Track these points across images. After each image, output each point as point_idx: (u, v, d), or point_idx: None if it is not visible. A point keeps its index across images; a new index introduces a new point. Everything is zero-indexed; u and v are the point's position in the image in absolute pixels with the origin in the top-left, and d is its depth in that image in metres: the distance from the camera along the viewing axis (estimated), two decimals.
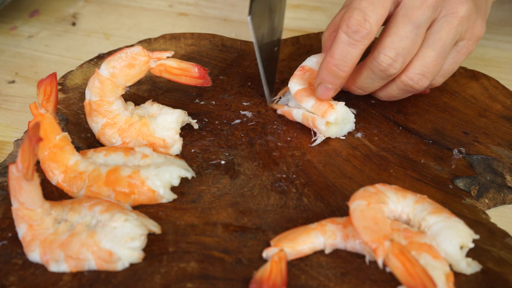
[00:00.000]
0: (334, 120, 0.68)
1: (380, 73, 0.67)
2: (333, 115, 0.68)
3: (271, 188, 0.65)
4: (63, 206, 0.59)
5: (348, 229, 0.58)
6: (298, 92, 0.70)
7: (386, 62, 0.65)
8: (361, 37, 0.64)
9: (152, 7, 1.02)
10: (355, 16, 0.64)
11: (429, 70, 0.67)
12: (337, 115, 0.68)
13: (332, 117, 0.68)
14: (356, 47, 0.65)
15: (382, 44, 0.66)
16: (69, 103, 0.76)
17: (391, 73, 0.66)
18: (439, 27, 0.66)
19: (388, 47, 0.65)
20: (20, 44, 0.93)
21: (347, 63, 0.66)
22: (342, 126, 0.70)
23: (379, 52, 0.65)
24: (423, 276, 0.52)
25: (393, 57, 0.65)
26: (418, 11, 0.64)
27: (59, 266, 0.57)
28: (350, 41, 0.65)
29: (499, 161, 0.68)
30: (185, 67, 0.68)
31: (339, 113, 0.69)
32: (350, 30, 0.64)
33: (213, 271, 0.57)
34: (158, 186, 0.62)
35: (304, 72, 0.72)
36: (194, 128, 0.72)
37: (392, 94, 0.71)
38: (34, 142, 0.53)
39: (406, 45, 0.65)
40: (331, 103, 0.69)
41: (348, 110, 0.70)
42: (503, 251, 0.58)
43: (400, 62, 0.65)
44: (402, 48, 0.65)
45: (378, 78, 0.68)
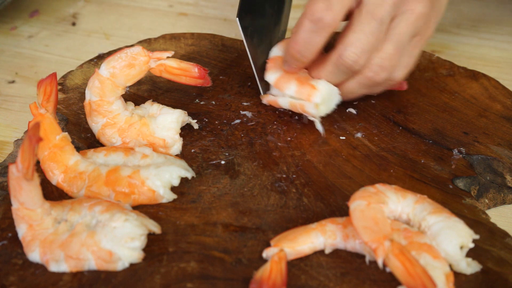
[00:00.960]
0: (321, 100, 0.69)
1: (344, 69, 0.67)
2: (318, 96, 0.69)
3: (271, 188, 0.65)
4: (63, 206, 0.59)
5: (348, 229, 0.58)
6: (277, 81, 0.71)
7: (351, 59, 0.66)
8: (324, 25, 0.65)
9: (152, 7, 1.02)
10: (319, 4, 0.65)
11: (388, 63, 0.68)
12: (322, 94, 0.69)
13: (317, 98, 0.69)
14: (319, 34, 0.66)
15: (347, 40, 0.66)
16: (69, 103, 0.76)
17: (355, 69, 0.67)
18: (397, 22, 0.67)
19: (354, 43, 0.66)
20: (20, 44, 0.93)
21: (310, 50, 0.67)
22: (330, 102, 0.71)
23: (345, 49, 0.66)
24: (423, 276, 0.52)
25: (358, 53, 0.66)
26: (380, 7, 0.65)
27: (59, 266, 0.57)
28: (313, 28, 0.66)
29: (499, 161, 0.68)
30: (185, 67, 0.68)
31: (323, 92, 0.69)
32: (314, 18, 0.65)
33: (213, 271, 0.57)
34: (158, 186, 0.62)
35: (275, 62, 0.72)
36: (194, 128, 0.72)
37: (351, 88, 0.71)
38: (34, 142, 0.53)
39: (371, 41, 0.66)
40: (312, 83, 0.69)
41: (329, 85, 0.70)
42: (503, 251, 0.58)
43: (364, 59, 0.66)
44: (367, 44, 0.66)
45: (342, 73, 0.68)
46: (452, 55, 0.89)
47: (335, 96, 0.71)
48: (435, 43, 0.92)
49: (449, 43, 0.92)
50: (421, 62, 0.82)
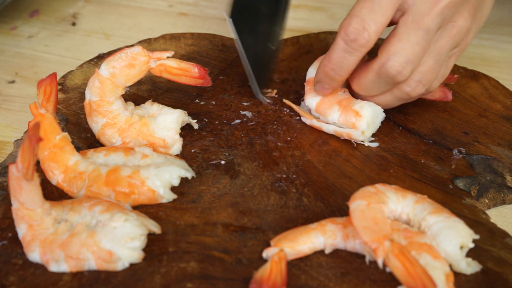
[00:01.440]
0: (367, 126, 0.68)
1: (387, 79, 0.65)
2: (364, 123, 0.68)
3: (271, 188, 0.65)
4: (63, 206, 0.59)
5: (348, 229, 0.58)
6: (319, 107, 0.70)
7: (396, 69, 0.64)
8: (358, 45, 0.64)
9: (152, 7, 1.02)
10: (354, 25, 0.63)
11: (426, 78, 0.66)
12: (367, 119, 0.68)
13: (363, 125, 0.68)
14: (353, 55, 0.65)
15: (392, 49, 0.64)
16: (69, 103, 0.76)
17: (398, 80, 0.65)
18: (439, 35, 0.65)
19: (398, 53, 0.64)
20: (20, 44, 0.93)
21: (343, 69, 0.66)
22: (376, 123, 0.70)
23: (389, 58, 0.64)
24: (423, 276, 0.52)
25: (403, 63, 0.64)
26: (427, 17, 0.63)
27: (59, 266, 0.57)
28: (347, 49, 0.64)
29: (499, 161, 0.68)
30: (185, 67, 0.68)
31: (368, 117, 0.68)
32: (348, 38, 0.64)
33: (213, 271, 0.57)
34: (158, 186, 0.62)
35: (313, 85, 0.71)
36: (194, 128, 0.72)
37: (386, 101, 0.69)
38: (34, 142, 0.53)
39: (417, 52, 0.64)
40: (355, 108, 0.68)
41: (373, 107, 0.68)
42: (503, 251, 0.58)
43: (410, 70, 0.64)
44: (412, 55, 0.63)
45: (384, 83, 0.66)
46: None
47: (379, 115, 0.70)
48: None
49: None
50: None
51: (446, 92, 0.72)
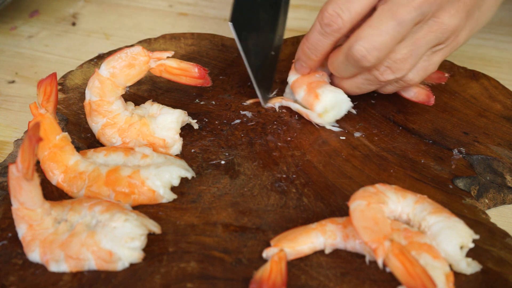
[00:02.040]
0: (323, 110, 0.70)
1: (353, 62, 0.67)
2: (319, 106, 0.70)
3: (271, 188, 0.65)
4: (63, 206, 0.59)
5: (348, 229, 0.58)
6: (293, 84, 0.73)
7: (360, 53, 0.65)
8: (331, 30, 0.66)
9: (152, 7, 1.02)
10: (330, 10, 0.66)
11: (397, 65, 0.67)
12: (324, 104, 0.70)
13: (319, 107, 0.70)
14: (327, 38, 0.67)
15: (360, 34, 0.65)
16: (69, 103, 0.76)
17: (364, 65, 0.66)
18: (418, 28, 0.65)
19: (366, 38, 0.65)
20: (20, 44, 0.93)
21: (318, 50, 0.69)
22: (337, 110, 0.71)
23: (356, 42, 0.65)
24: (423, 276, 0.52)
25: (368, 49, 0.65)
26: (404, 9, 0.64)
27: (59, 266, 0.57)
28: (322, 32, 0.67)
29: (499, 161, 0.68)
30: (185, 67, 0.68)
31: (326, 101, 0.70)
32: (323, 22, 0.67)
33: (213, 271, 0.57)
34: (158, 186, 0.62)
35: None
36: (194, 128, 0.72)
37: (357, 84, 0.70)
38: (34, 142, 0.53)
39: (385, 40, 0.64)
40: (317, 91, 0.70)
41: (335, 94, 0.70)
42: (503, 251, 0.58)
43: (375, 57, 0.65)
44: (380, 42, 0.64)
45: (351, 66, 0.68)
46: (452, 55, 0.89)
47: (343, 104, 0.71)
48: None
49: None
50: None
51: (430, 96, 0.72)
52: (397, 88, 0.72)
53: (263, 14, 0.77)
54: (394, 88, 0.71)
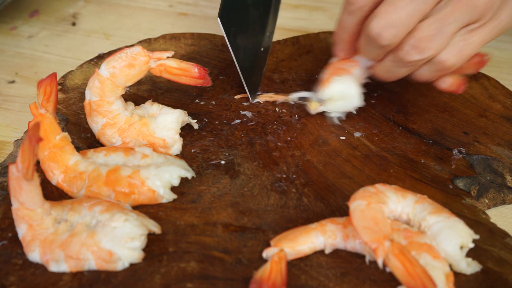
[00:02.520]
0: (327, 97, 0.71)
1: (371, 42, 0.65)
2: (325, 92, 0.71)
3: (271, 188, 0.65)
4: (63, 206, 0.59)
5: (348, 229, 0.58)
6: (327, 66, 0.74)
7: (375, 31, 0.64)
8: (355, 8, 0.67)
9: (152, 7, 1.02)
10: None
11: (422, 44, 0.64)
12: (331, 91, 0.70)
13: (324, 93, 0.71)
14: (351, 16, 0.68)
15: (376, 11, 0.64)
16: (69, 103, 0.76)
17: (381, 43, 0.64)
18: (443, 5, 0.63)
19: (380, 15, 0.63)
20: (20, 44, 0.93)
21: (345, 29, 0.70)
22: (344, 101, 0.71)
23: (372, 19, 0.64)
24: (423, 276, 0.52)
25: (383, 26, 0.63)
26: None
27: (59, 266, 0.57)
28: (347, 10, 0.68)
29: (499, 161, 0.68)
30: (185, 67, 0.68)
31: (333, 90, 0.70)
32: (347, 1, 0.67)
33: (213, 271, 0.57)
34: (158, 186, 0.62)
35: None
36: (194, 128, 0.72)
37: (386, 67, 0.68)
38: (34, 142, 0.53)
39: (400, 16, 0.62)
40: (331, 78, 0.71)
41: (347, 86, 0.70)
42: (503, 251, 0.58)
43: (392, 34, 0.63)
44: (395, 19, 0.63)
45: (372, 46, 0.66)
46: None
47: (353, 98, 0.71)
48: None
49: None
50: None
51: (461, 84, 0.69)
52: (434, 73, 0.67)
53: (253, 11, 0.78)
54: (430, 72, 0.67)
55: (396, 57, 0.66)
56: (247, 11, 0.77)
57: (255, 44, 0.77)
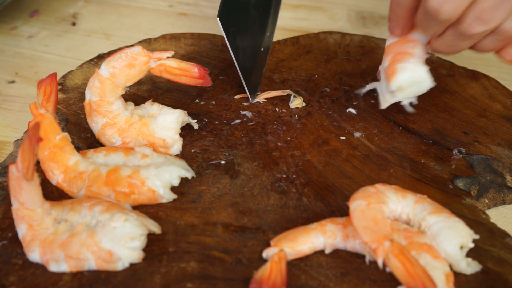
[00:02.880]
0: (397, 88, 0.68)
1: (431, 18, 0.63)
2: (394, 83, 0.68)
3: (271, 188, 0.65)
4: (63, 206, 0.59)
5: (348, 229, 0.58)
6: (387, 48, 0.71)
7: (434, 7, 0.62)
8: None
9: (152, 7, 1.02)
10: None
11: (485, 15, 0.62)
12: (399, 81, 0.68)
13: (393, 85, 0.68)
14: None
15: None
16: (69, 103, 0.76)
17: (441, 18, 0.63)
18: None
19: None
20: (20, 44, 0.93)
21: (400, 4, 0.67)
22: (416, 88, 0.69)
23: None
24: (423, 276, 0.52)
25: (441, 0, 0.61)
26: None
27: (59, 266, 0.57)
28: None
29: (499, 161, 0.68)
30: (185, 67, 0.68)
31: (401, 80, 0.68)
32: None
33: (213, 271, 0.57)
34: (158, 186, 0.62)
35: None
36: (194, 128, 0.72)
37: (448, 41, 0.67)
38: (34, 142, 0.53)
39: None
40: (397, 67, 0.68)
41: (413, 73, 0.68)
42: (503, 251, 0.58)
43: (452, 7, 0.61)
44: None
45: (432, 22, 0.64)
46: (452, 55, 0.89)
47: (423, 83, 0.68)
48: None
49: None
50: None
51: None
52: (497, 43, 0.66)
53: (253, 11, 0.77)
54: (493, 43, 0.66)
55: (458, 31, 0.64)
56: (247, 11, 0.77)
57: (255, 44, 0.77)
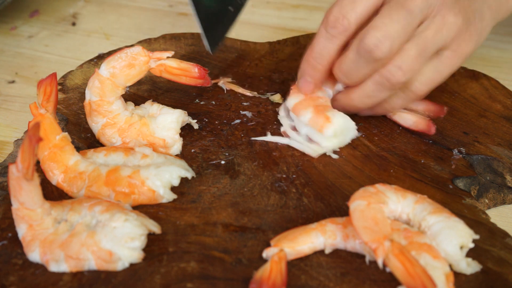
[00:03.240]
0: (333, 134, 0.67)
1: (365, 55, 0.64)
2: (331, 129, 0.67)
3: (271, 188, 0.65)
4: (63, 206, 0.59)
5: (348, 229, 0.58)
6: (296, 106, 0.70)
7: (373, 42, 0.63)
8: (337, 32, 0.66)
9: (152, 7, 1.02)
10: (334, 13, 0.65)
11: (407, 65, 0.65)
12: (335, 127, 0.67)
13: (329, 131, 0.67)
14: (333, 42, 0.66)
15: (371, 25, 0.64)
16: (69, 103, 0.76)
17: (376, 55, 0.64)
18: (425, 26, 0.65)
19: (377, 27, 0.63)
20: (20, 44, 0.93)
21: (324, 57, 0.67)
22: (342, 137, 0.69)
23: (368, 32, 0.64)
24: (423, 276, 0.52)
25: (381, 37, 0.63)
26: (411, 0, 0.63)
27: (59, 266, 0.57)
28: (327, 36, 0.66)
29: (499, 161, 0.68)
30: (185, 67, 0.68)
31: (337, 126, 0.67)
32: (328, 26, 0.66)
33: (213, 271, 0.57)
34: (158, 186, 0.62)
35: (297, 89, 0.71)
36: (194, 128, 0.72)
37: (368, 91, 0.68)
38: (34, 142, 0.53)
39: (396, 29, 0.63)
40: (328, 115, 0.67)
41: (346, 119, 0.68)
42: (503, 251, 0.58)
43: (388, 46, 0.63)
44: (391, 31, 0.63)
45: (363, 62, 0.65)
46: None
47: (350, 131, 0.69)
48: None
49: None
50: None
51: (430, 125, 0.70)
52: (404, 101, 0.69)
53: None
54: (401, 100, 0.69)
55: (381, 79, 0.66)
56: None
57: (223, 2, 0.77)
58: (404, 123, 0.72)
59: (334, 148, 0.69)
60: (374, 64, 0.65)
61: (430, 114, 0.71)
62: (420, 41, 0.65)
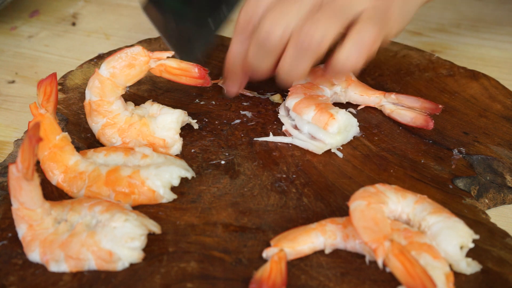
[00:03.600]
0: (337, 131, 0.68)
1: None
2: (335, 126, 0.67)
3: (271, 188, 0.65)
4: (63, 206, 0.59)
5: (348, 229, 0.58)
6: (297, 105, 0.70)
7: (265, 30, 0.65)
8: (247, 37, 0.69)
9: None
10: (242, 16, 0.69)
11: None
12: (339, 124, 0.68)
13: (334, 127, 0.67)
14: (245, 45, 0.69)
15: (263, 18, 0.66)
16: (69, 103, 0.76)
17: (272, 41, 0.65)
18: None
19: (267, 17, 0.65)
20: (20, 44, 0.93)
21: (241, 60, 0.71)
22: (345, 134, 0.69)
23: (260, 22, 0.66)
24: (423, 276, 0.52)
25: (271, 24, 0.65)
26: None
27: (59, 266, 0.57)
28: (239, 40, 0.70)
29: (499, 161, 0.68)
30: (185, 67, 0.68)
31: (341, 122, 0.68)
32: (238, 31, 0.70)
33: (213, 271, 0.57)
34: (158, 186, 0.62)
35: (296, 89, 0.72)
36: (194, 128, 0.72)
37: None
38: (34, 142, 0.53)
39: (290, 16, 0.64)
40: (331, 112, 0.68)
41: (349, 116, 0.69)
42: (503, 251, 0.58)
43: (281, 29, 0.64)
44: (286, 18, 0.64)
45: (263, 51, 0.67)
46: (452, 55, 0.89)
47: (353, 128, 0.70)
48: (435, 43, 0.92)
49: (449, 43, 0.92)
50: (421, 62, 0.82)
51: (428, 121, 0.70)
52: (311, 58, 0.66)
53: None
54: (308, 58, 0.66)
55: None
56: None
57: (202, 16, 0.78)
58: (403, 120, 0.72)
59: (337, 145, 0.69)
60: (273, 48, 0.66)
61: (426, 112, 0.72)
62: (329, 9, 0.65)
